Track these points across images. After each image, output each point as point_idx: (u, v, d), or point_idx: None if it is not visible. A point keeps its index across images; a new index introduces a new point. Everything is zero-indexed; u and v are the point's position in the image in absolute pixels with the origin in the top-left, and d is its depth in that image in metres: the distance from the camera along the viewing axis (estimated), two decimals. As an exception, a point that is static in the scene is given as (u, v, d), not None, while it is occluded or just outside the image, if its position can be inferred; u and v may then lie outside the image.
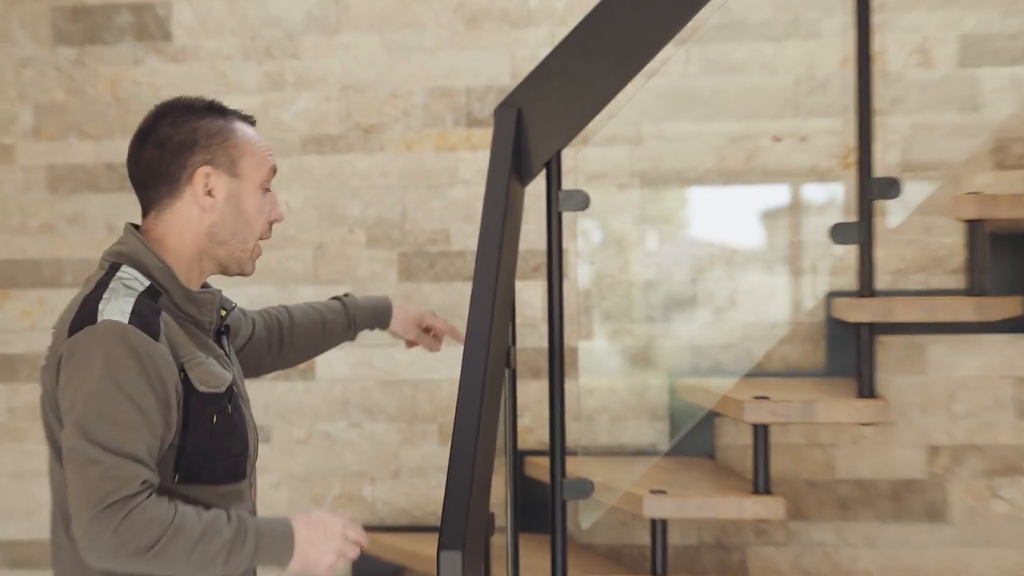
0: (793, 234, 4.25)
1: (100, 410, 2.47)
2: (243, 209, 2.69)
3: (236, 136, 2.69)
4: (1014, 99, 4.09)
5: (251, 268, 2.78)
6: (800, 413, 3.52)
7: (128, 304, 2.52)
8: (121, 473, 2.45)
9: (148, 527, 2.45)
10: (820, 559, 4.12)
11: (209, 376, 2.59)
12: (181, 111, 2.68)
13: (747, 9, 4.16)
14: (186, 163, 2.63)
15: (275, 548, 2.57)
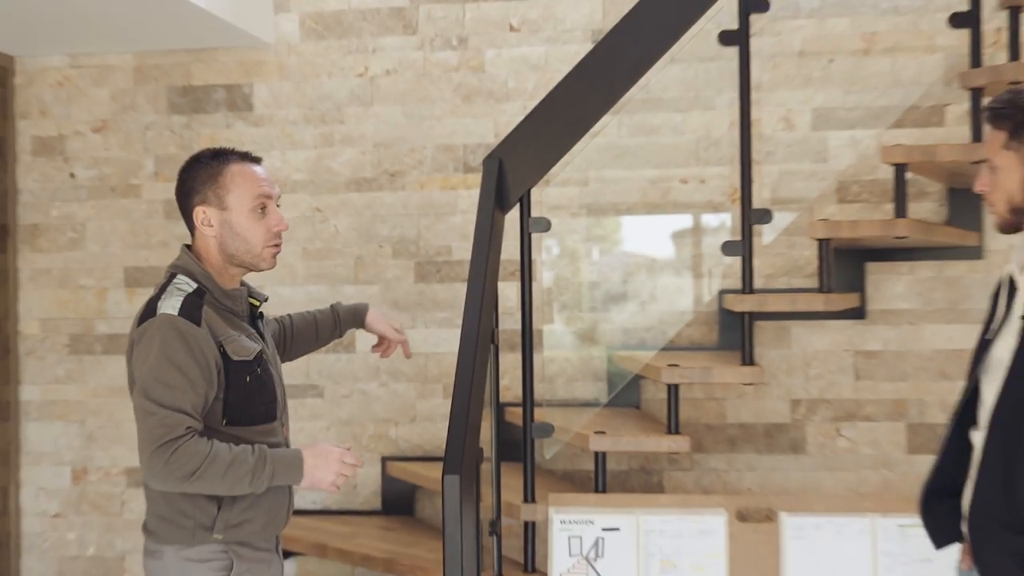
0: (695, 248, 4.27)
1: (156, 377, 2.59)
2: (236, 231, 2.74)
3: (224, 177, 2.75)
4: (851, 154, 4.11)
5: (267, 265, 2.81)
6: (700, 376, 3.57)
7: (178, 302, 2.64)
8: (171, 421, 2.58)
9: (191, 459, 2.57)
10: (715, 480, 4.17)
11: (240, 348, 2.69)
12: (191, 164, 2.80)
13: (662, 89, 4.17)
14: (190, 205, 2.76)
15: (288, 471, 2.67)
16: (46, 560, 4.54)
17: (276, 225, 2.80)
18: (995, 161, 2.56)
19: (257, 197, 2.77)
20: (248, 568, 2.76)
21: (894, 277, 4.12)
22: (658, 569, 3.49)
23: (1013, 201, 2.55)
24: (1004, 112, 2.53)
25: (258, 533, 2.77)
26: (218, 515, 2.71)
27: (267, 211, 2.79)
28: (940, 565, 3.34)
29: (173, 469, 2.59)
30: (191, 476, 2.59)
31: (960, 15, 3.58)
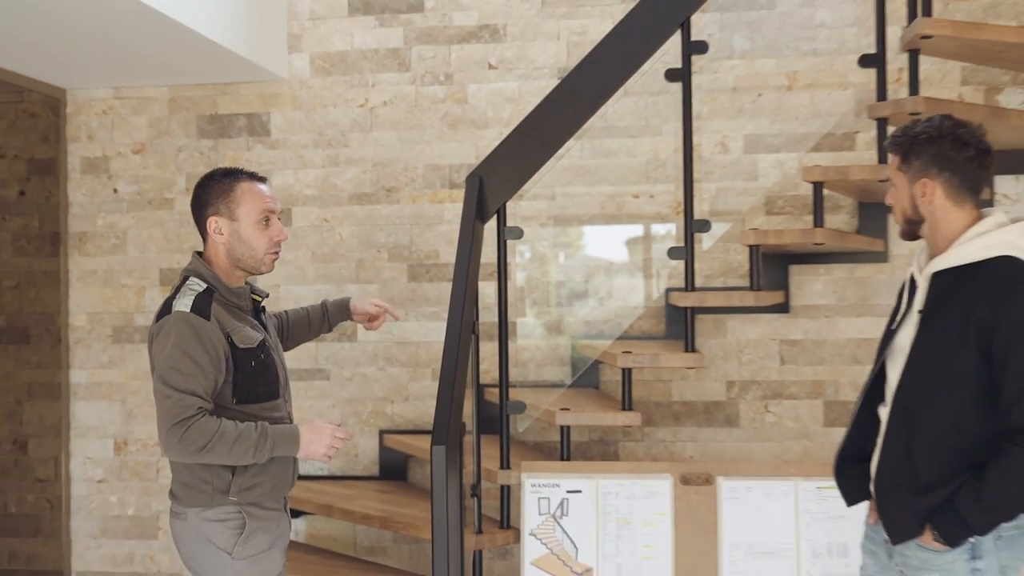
0: (645, 253, 4.27)
1: (171, 365, 2.62)
2: (243, 239, 2.76)
3: (235, 192, 2.76)
4: (777, 173, 4.12)
5: (266, 269, 2.83)
6: (650, 361, 3.57)
7: (190, 300, 2.68)
8: (184, 403, 2.60)
9: (201, 435, 2.59)
10: (662, 450, 4.17)
11: (245, 338, 2.71)
12: (206, 180, 2.81)
13: (618, 117, 4.18)
14: (204, 215, 2.77)
15: (286, 444, 2.70)
16: (92, 519, 4.52)
17: (277, 235, 2.81)
18: (893, 180, 2.62)
19: (263, 211, 2.78)
20: (259, 526, 2.77)
21: (813, 277, 4.12)
22: (614, 525, 3.49)
23: (907, 214, 2.60)
24: (898, 140, 2.59)
25: (268, 495, 2.78)
26: (232, 480, 2.72)
27: (270, 223, 2.80)
28: (852, 521, 3.36)
29: (187, 444, 2.61)
30: (202, 450, 2.62)
31: (868, 56, 3.59)
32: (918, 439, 2.48)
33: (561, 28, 4.27)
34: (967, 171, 2.51)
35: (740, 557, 3.43)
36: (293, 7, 4.41)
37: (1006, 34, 3.28)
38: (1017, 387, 2.36)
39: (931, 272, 2.55)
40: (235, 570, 2.74)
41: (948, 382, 2.44)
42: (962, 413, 2.43)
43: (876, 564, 2.68)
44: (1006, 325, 2.37)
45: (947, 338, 2.45)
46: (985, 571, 2.45)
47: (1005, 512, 2.40)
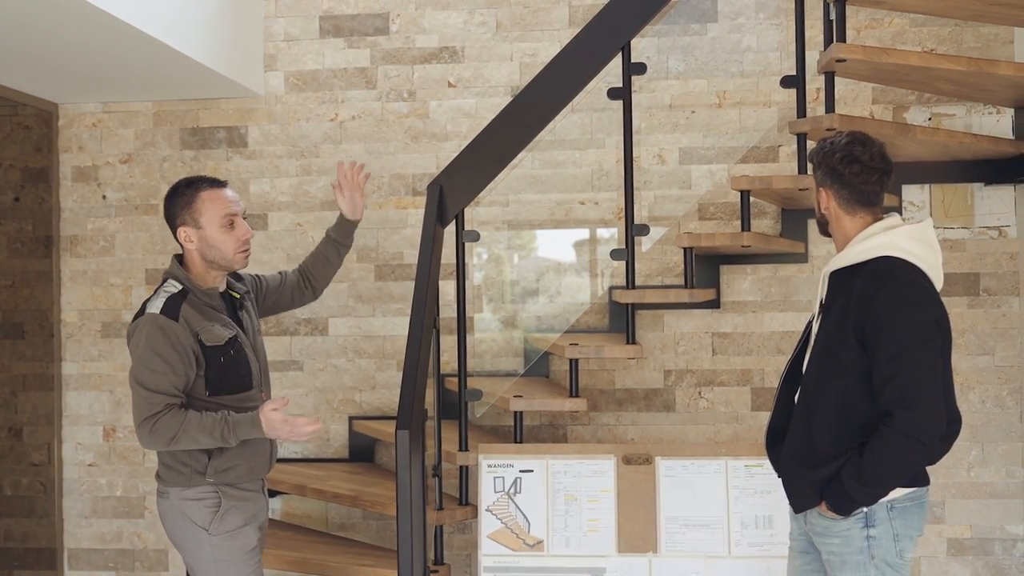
0: (591, 254, 4.27)
1: (143, 363, 2.61)
2: (211, 244, 2.74)
3: (196, 202, 2.74)
4: (708, 183, 4.15)
5: (239, 266, 2.81)
6: (595, 352, 3.60)
7: (161, 302, 2.66)
8: (152, 400, 2.60)
9: (167, 429, 2.60)
10: (607, 433, 4.18)
11: (212, 336, 2.69)
12: (171, 194, 2.80)
13: (565, 131, 4.19)
14: (174, 227, 2.75)
15: (250, 429, 2.66)
16: (83, 500, 4.47)
17: (243, 235, 2.79)
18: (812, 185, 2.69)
19: (225, 216, 2.75)
20: (234, 505, 2.77)
21: (741, 276, 4.16)
22: (563, 501, 3.51)
23: (817, 215, 2.70)
24: (813, 153, 2.66)
25: (243, 476, 2.77)
26: (209, 463, 2.72)
27: (235, 224, 2.77)
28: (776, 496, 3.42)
29: (156, 437, 2.62)
30: (171, 441, 2.62)
31: (789, 78, 3.63)
32: (815, 418, 2.53)
33: (514, 50, 4.28)
34: (854, 184, 2.56)
35: (676, 529, 3.47)
36: (269, 29, 4.38)
37: (911, 58, 3.34)
38: (883, 374, 2.41)
39: (828, 271, 2.62)
40: (212, 545, 2.74)
41: (836, 369, 2.50)
42: (849, 396, 2.48)
43: (799, 530, 2.74)
44: (875, 316, 2.42)
45: (836, 329, 2.51)
46: (879, 538, 2.50)
47: (880, 485, 2.45)
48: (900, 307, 2.41)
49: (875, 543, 2.49)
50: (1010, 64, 3.35)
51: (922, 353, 2.41)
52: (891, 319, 2.40)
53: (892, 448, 2.38)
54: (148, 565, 4.42)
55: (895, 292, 2.42)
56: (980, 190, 4.04)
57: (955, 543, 4.05)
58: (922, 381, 2.40)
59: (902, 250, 2.50)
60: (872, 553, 2.50)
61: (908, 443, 2.37)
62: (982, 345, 4.04)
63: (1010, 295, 4.03)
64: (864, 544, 2.50)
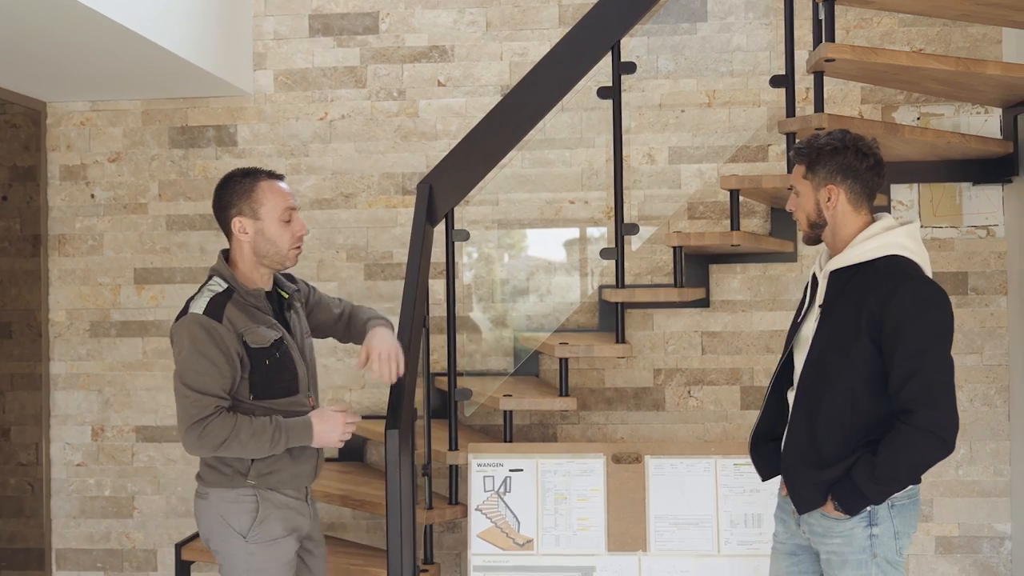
0: (581, 253, 4.26)
1: (189, 366, 2.53)
2: (267, 236, 2.64)
3: (256, 191, 2.64)
4: (698, 182, 4.15)
5: (291, 263, 2.70)
6: (584, 351, 3.58)
7: (205, 302, 2.58)
8: (201, 403, 2.52)
9: (218, 433, 2.52)
10: (596, 431, 4.18)
11: (258, 338, 2.60)
12: (226, 181, 2.69)
13: (555, 131, 4.18)
14: (227, 216, 2.65)
15: (300, 435, 2.61)
16: (71, 500, 4.45)
17: (299, 231, 2.71)
18: (797, 187, 2.65)
19: (284, 209, 2.68)
20: (273, 512, 2.68)
21: (731, 275, 4.16)
22: (552, 500, 3.51)
23: (811, 219, 2.64)
24: (804, 151, 2.62)
25: (286, 482, 2.69)
26: (252, 464, 2.64)
27: (292, 220, 2.69)
28: (765, 494, 3.42)
29: (205, 441, 2.54)
30: (220, 446, 2.55)
31: (779, 77, 3.64)
32: (820, 419, 2.52)
33: (504, 49, 4.27)
34: (867, 179, 2.56)
35: (666, 527, 3.46)
36: (258, 28, 4.37)
37: (900, 58, 3.34)
38: (903, 372, 2.41)
39: (829, 271, 2.60)
40: (247, 552, 2.66)
41: (844, 368, 2.49)
42: (857, 395, 2.48)
43: (786, 532, 2.73)
44: (892, 316, 2.42)
45: (843, 329, 2.50)
46: (881, 536, 2.51)
47: (895, 483, 2.46)
48: (921, 305, 2.41)
49: (877, 541, 2.50)
50: (998, 64, 3.36)
51: (941, 351, 2.43)
52: (912, 317, 2.40)
53: (912, 445, 2.39)
54: (136, 565, 4.40)
55: (914, 291, 2.42)
56: (968, 189, 4.06)
57: (943, 541, 4.06)
58: (942, 379, 2.41)
59: (906, 249, 2.51)
60: (874, 552, 2.50)
61: (929, 440, 2.38)
62: (970, 344, 4.05)
63: (998, 294, 4.04)
64: (867, 543, 2.50)
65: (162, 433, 4.39)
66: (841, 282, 2.56)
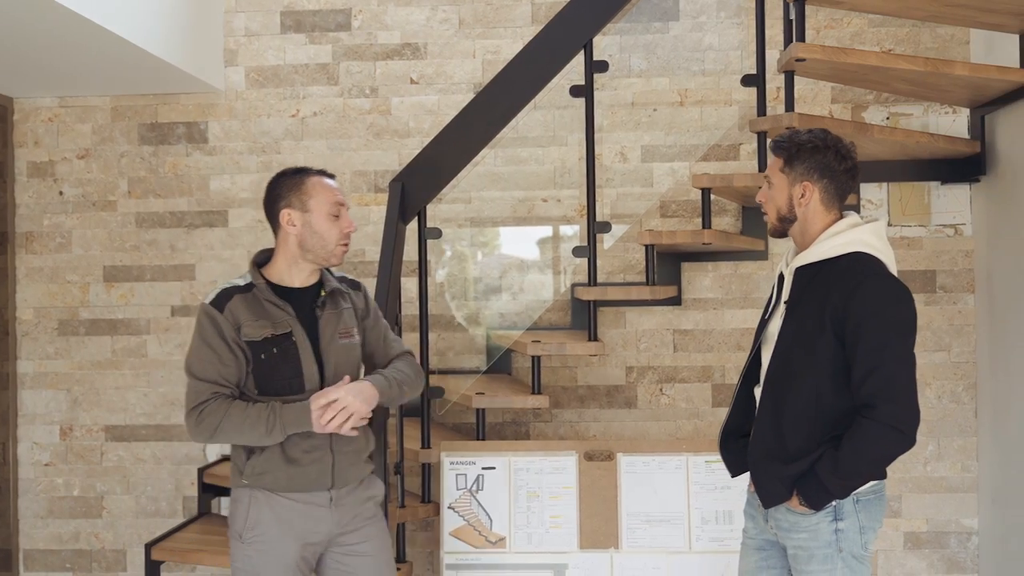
0: (554, 251, 4.27)
1: (192, 352, 2.58)
2: (315, 230, 2.63)
3: (306, 185, 2.64)
4: (670, 180, 4.16)
5: (336, 261, 2.68)
6: (557, 349, 3.58)
7: (215, 293, 2.60)
8: (199, 389, 2.55)
9: (212, 417, 2.53)
10: (569, 429, 4.18)
11: (252, 331, 2.57)
12: (278, 177, 2.69)
13: (527, 129, 4.18)
14: (276, 209, 2.65)
15: (297, 420, 2.55)
16: (39, 500, 4.40)
17: (347, 227, 2.69)
18: (772, 180, 2.65)
19: (334, 204, 2.67)
20: (267, 514, 2.62)
21: (702, 273, 4.18)
22: (525, 498, 3.51)
23: (781, 212, 2.64)
24: (783, 144, 2.62)
25: (282, 484, 2.62)
26: (247, 462, 2.64)
27: (340, 216, 2.68)
28: (736, 491, 3.44)
29: (202, 427, 2.55)
30: (215, 431, 2.54)
31: (750, 77, 3.66)
32: (785, 414, 2.54)
33: (476, 47, 4.27)
34: (842, 181, 2.59)
35: (638, 524, 3.48)
36: (229, 24, 4.34)
37: (869, 58, 3.37)
38: (866, 366, 2.43)
39: (795, 267, 2.62)
40: (243, 555, 2.63)
41: (809, 363, 2.51)
42: (822, 390, 2.50)
43: (755, 527, 2.74)
44: (855, 311, 2.45)
45: (808, 325, 2.53)
46: (846, 531, 2.53)
47: (858, 477, 2.48)
48: (883, 302, 2.44)
49: (843, 536, 2.52)
50: (966, 64, 3.39)
51: (903, 347, 2.45)
52: (874, 313, 2.43)
53: (873, 439, 2.41)
54: (106, 566, 4.37)
55: (878, 287, 2.45)
56: (936, 189, 4.10)
57: (912, 536, 4.10)
58: (903, 374, 2.44)
59: (871, 246, 2.54)
60: (840, 546, 2.52)
61: (889, 434, 2.40)
62: (938, 342, 4.09)
63: (966, 292, 4.08)
64: (832, 537, 2.52)
65: (131, 432, 4.35)
66: (806, 279, 2.58)
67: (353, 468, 2.70)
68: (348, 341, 2.72)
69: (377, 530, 2.77)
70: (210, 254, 4.34)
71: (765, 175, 2.67)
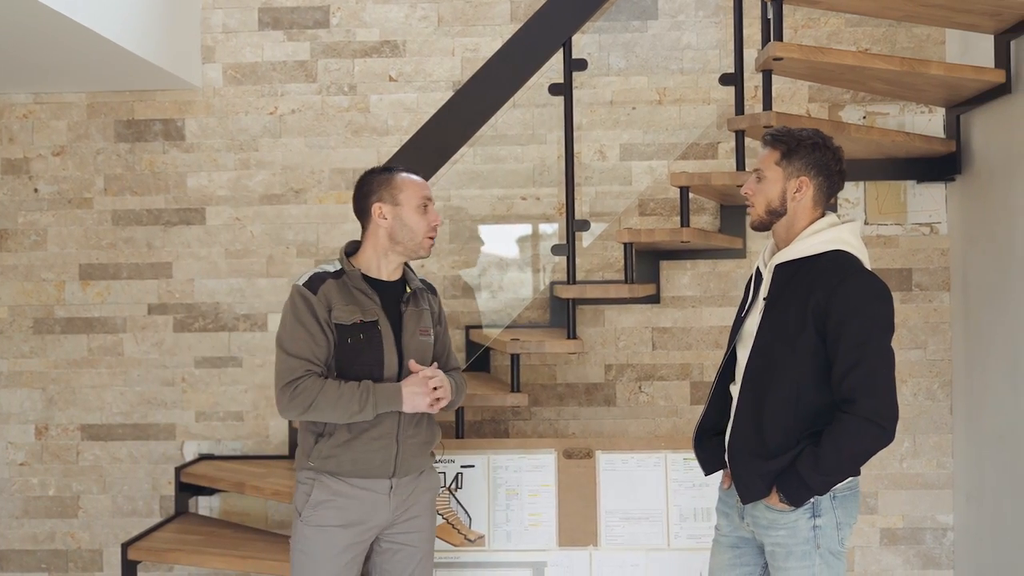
0: (533, 249, 4.27)
1: (285, 330, 2.69)
2: (404, 222, 2.75)
3: (395, 180, 2.77)
4: (648, 179, 4.17)
5: (424, 253, 2.81)
6: (536, 347, 3.59)
7: (308, 276, 2.72)
8: (292, 365, 2.65)
9: (306, 393, 2.62)
10: (547, 427, 4.19)
11: (342, 315, 2.69)
12: (367, 174, 2.83)
13: (507, 127, 4.18)
14: (368, 203, 2.76)
15: (389, 400, 2.68)
16: (14, 500, 4.36)
17: (434, 220, 2.81)
18: (765, 172, 2.64)
19: (422, 198, 2.78)
20: (329, 498, 2.74)
21: (681, 271, 4.19)
22: (504, 496, 3.51)
23: (771, 205, 2.64)
24: (781, 138, 2.62)
25: (346, 469, 2.73)
26: (314, 446, 2.74)
27: (428, 210, 2.79)
28: (714, 488, 3.46)
29: (295, 403, 2.64)
30: (308, 408, 2.64)
31: (728, 75, 3.67)
32: (765, 410, 2.56)
33: (456, 45, 4.26)
34: (834, 181, 2.62)
35: (616, 522, 3.49)
36: (207, 21, 4.31)
37: (846, 58, 3.39)
38: (847, 362, 2.45)
39: (775, 264, 2.63)
40: (301, 534, 2.75)
41: (790, 360, 2.53)
42: (802, 386, 2.52)
43: (729, 524, 2.76)
44: (838, 308, 2.47)
45: (789, 321, 2.54)
46: (824, 527, 2.55)
47: (839, 472, 2.50)
48: (866, 299, 2.46)
49: (820, 532, 2.54)
50: (941, 64, 3.42)
51: (883, 343, 2.48)
52: (857, 310, 2.45)
53: (853, 434, 2.43)
54: (82, 566, 4.33)
55: (860, 285, 2.48)
56: (912, 187, 4.12)
57: (888, 533, 4.13)
58: (883, 370, 2.46)
59: (850, 245, 2.57)
60: (818, 543, 2.54)
61: (869, 429, 2.42)
62: (914, 339, 4.12)
63: (941, 290, 4.12)
64: (810, 534, 2.54)
65: (108, 431, 4.32)
66: (786, 276, 2.59)
67: (415, 459, 2.83)
68: (426, 339, 2.87)
69: (427, 523, 2.90)
70: (187, 252, 4.32)
71: (755, 168, 2.67)
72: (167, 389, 4.31)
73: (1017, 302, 3.39)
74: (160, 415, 4.32)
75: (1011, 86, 3.41)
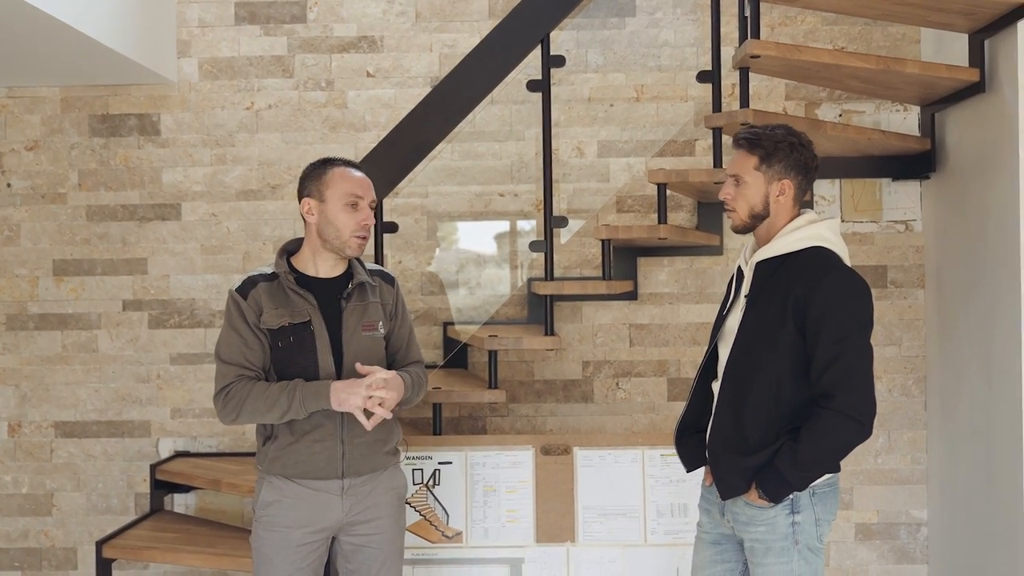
0: (511, 246, 4.27)
1: (220, 338, 2.68)
2: (329, 220, 2.69)
3: (325, 175, 2.70)
4: (626, 176, 4.18)
5: (352, 253, 2.72)
6: (514, 343, 3.59)
7: (242, 280, 2.70)
8: (224, 371, 2.65)
9: (235, 398, 2.62)
10: (525, 423, 4.20)
11: (271, 319, 2.66)
12: (307, 168, 2.77)
13: (485, 123, 4.17)
14: (300, 198, 2.73)
15: (316, 398, 2.62)
16: (-13, 498, 4.33)
17: (363, 220, 2.72)
18: (744, 178, 2.63)
19: (349, 194, 2.70)
20: (278, 499, 2.73)
21: (658, 268, 4.20)
22: (481, 493, 3.51)
23: (754, 210, 2.65)
24: (758, 142, 2.61)
25: (292, 471, 2.72)
26: (261, 449, 2.75)
27: (358, 208, 2.71)
28: (691, 484, 3.47)
29: (227, 409, 2.64)
30: (239, 411, 2.63)
31: (705, 73, 3.68)
32: (746, 406, 2.57)
33: (433, 41, 4.25)
34: (812, 178, 2.66)
35: (594, 518, 3.49)
36: (182, 15, 4.28)
37: (823, 56, 3.41)
38: (826, 357, 2.47)
39: (756, 262, 2.64)
40: (256, 533, 2.77)
41: (770, 355, 2.54)
42: (782, 382, 2.53)
43: (711, 521, 2.77)
44: (818, 303, 2.48)
45: (769, 316, 2.55)
46: (802, 523, 2.56)
47: (817, 468, 2.51)
48: (845, 295, 2.48)
49: (799, 528, 2.55)
50: (917, 63, 3.44)
51: (862, 339, 2.50)
52: (836, 305, 2.47)
53: (832, 429, 2.45)
54: (56, 564, 4.30)
55: (840, 280, 2.50)
56: (888, 185, 4.15)
57: (863, 528, 4.16)
58: (862, 365, 2.48)
59: (829, 241, 2.59)
60: (796, 539, 2.56)
61: (847, 423, 2.44)
62: (889, 336, 4.15)
63: (916, 287, 4.15)
64: (789, 530, 2.55)
65: (82, 428, 4.28)
66: (767, 272, 2.61)
67: (367, 459, 2.77)
68: (371, 334, 2.78)
69: (390, 524, 2.84)
70: (162, 248, 4.29)
71: (732, 173, 2.65)
72: (142, 386, 4.28)
73: (990, 299, 3.42)
74: (135, 412, 4.28)
75: (985, 85, 3.44)
